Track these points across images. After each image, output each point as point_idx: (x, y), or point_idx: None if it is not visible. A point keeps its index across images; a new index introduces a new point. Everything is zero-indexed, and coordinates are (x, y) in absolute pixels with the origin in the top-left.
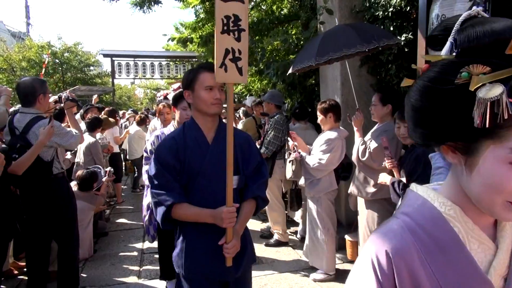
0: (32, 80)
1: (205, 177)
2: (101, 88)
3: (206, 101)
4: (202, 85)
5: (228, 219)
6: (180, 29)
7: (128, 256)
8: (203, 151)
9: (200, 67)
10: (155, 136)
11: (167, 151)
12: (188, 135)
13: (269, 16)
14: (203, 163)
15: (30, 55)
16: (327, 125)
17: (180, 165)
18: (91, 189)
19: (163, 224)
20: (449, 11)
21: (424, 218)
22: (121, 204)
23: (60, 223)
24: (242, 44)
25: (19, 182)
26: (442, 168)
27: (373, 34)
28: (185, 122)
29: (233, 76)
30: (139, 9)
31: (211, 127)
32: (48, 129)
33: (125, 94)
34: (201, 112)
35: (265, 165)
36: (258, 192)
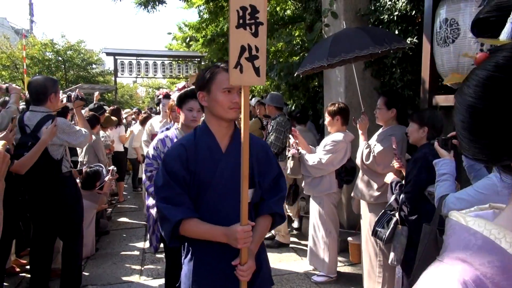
0: (44, 79)
1: (217, 190)
2: (104, 87)
3: (223, 104)
4: (220, 86)
5: (244, 239)
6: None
7: (129, 255)
8: (215, 160)
9: (219, 66)
10: (159, 140)
11: (175, 160)
12: (200, 142)
13: (273, 17)
14: (215, 174)
15: (33, 52)
16: (334, 127)
17: (190, 176)
18: (93, 188)
19: (170, 241)
20: (457, 15)
21: (494, 267)
22: (123, 203)
23: (67, 221)
24: (260, 40)
25: (27, 180)
26: (447, 174)
27: (385, 37)
28: (197, 127)
29: (250, 77)
30: (144, 9)
31: (225, 133)
32: (51, 129)
33: (127, 93)
34: (216, 116)
35: (283, 178)
36: (276, 208)
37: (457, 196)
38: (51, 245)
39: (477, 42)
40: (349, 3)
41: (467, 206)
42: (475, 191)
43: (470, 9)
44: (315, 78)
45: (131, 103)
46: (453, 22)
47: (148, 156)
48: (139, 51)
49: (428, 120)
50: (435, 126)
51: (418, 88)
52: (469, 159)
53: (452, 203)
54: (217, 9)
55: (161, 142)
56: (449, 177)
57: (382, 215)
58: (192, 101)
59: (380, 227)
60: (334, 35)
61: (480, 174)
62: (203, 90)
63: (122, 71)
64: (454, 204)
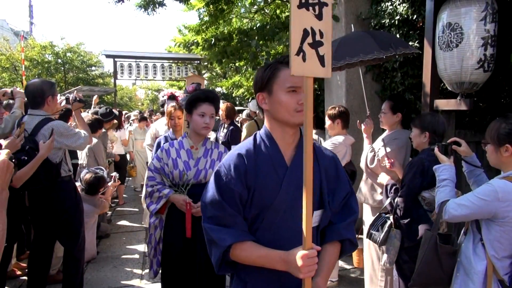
0: (41, 82)
1: (280, 210)
2: (103, 89)
3: (288, 106)
4: (284, 85)
5: (307, 267)
6: (183, 31)
7: (130, 259)
8: (279, 175)
9: (280, 61)
10: (163, 150)
11: (232, 173)
12: (261, 152)
13: (274, 20)
14: (278, 191)
15: (33, 54)
16: (334, 130)
17: (247, 194)
18: (97, 193)
19: (219, 269)
20: (460, 19)
21: None
22: (123, 206)
23: (66, 225)
24: (325, 23)
25: (26, 184)
26: (447, 180)
27: (390, 42)
28: (257, 134)
29: (313, 67)
30: (144, 11)
31: (291, 142)
32: (49, 144)
33: (126, 95)
34: (280, 121)
35: (354, 197)
36: (347, 233)
37: (457, 202)
38: (50, 249)
39: (480, 46)
40: (350, 7)
41: (467, 212)
42: (476, 197)
43: (473, 14)
44: (316, 81)
45: (131, 105)
46: (456, 27)
47: (151, 168)
48: (138, 53)
49: (429, 125)
50: (436, 131)
51: (419, 92)
52: (469, 165)
53: (453, 209)
54: (217, 12)
55: (166, 153)
56: (449, 182)
57: (377, 218)
58: (204, 105)
59: (375, 230)
60: (341, 39)
61: (480, 180)
62: (262, 91)
63: (122, 73)
64: (455, 210)
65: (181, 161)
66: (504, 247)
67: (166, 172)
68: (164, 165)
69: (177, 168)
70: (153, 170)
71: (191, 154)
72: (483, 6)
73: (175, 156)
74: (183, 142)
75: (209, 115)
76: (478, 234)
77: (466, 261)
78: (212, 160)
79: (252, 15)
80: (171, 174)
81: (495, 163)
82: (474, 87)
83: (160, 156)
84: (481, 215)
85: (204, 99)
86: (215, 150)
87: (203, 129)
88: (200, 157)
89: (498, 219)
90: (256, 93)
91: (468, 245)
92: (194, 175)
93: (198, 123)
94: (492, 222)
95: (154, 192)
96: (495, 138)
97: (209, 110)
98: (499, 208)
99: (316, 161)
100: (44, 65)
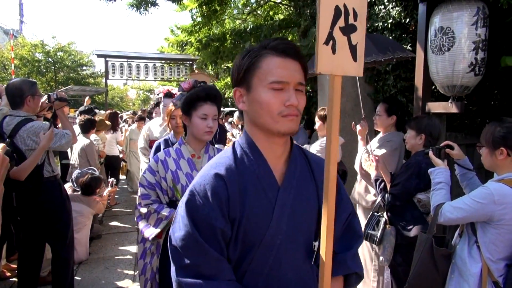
0: (20, 82)
1: (273, 246)
2: (94, 89)
3: (270, 108)
4: (266, 79)
5: None
6: (176, 32)
7: (122, 260)
8: (270, 199)
9: (264, 46)
10: (159, 161)
11: (210, 203)
12: (245, 169)
13: (267, 21)
14: (269, 221)
15: (23, 53)
16: (323, 131)
17: (231, 229)
18: (93, 194)
19: None
20: (452, 23)
21: None
22: (115, 207)
23: (52, 226)
24: (360, 1)
25: (11, 185)
26: (442, 183)
27: (389, 45)
28: (236, 144)
29: (344, 61)
30: (136, 11)
31: (280, 154)
32: (49, 134)
33: (117, 95)
34: (263, 129)
35: (357, 217)
36: (355, 266)
37: (453, 205)
38: (40, 250)
39: (472, 50)
40: None
41: (463, 215)
42: (472, 200)
43: (465, 18)
44: (309, 83)
45: (122, 105)
46: (448, 31)
47: (143, 184)
48: (130, 53)
49: (425, 128)
50: (432, 134)
51: (411, 94)
52: (462, 168)
53: (449, 212)
54: (210, 13)
55: (162, 164)
56: (444, 185)
57: (371, 218)
58: (206, 106)
59: (371, 229)
60: None
61: (473, 183)
62: (240, 86)
63: (113, 73)
64: (450, 212)
65: (182, 173)
66: (499, 249)
67: (163, 187)
68: (160, 180)
69: (178, 182)
70: (146, 186)
71: (193, 165)
72: (475, 11)
73: (174, 168)
74: (181, 150)
75: (211, 117)
76: (473, 236)
77: (461, 263)
78: None
79: (245, 16)
80: (170, 190)
81: (489, 166)
82: (465, 91)
83: (154, 169)
84: (477, 218)
85: (205, 98)
86: None
87: (205, 134)
88: (204, 166)
89: (493, 222)
90: (233, 87)
91: (463, 248)
92: None
93: (199, 128)
94: (487, 224)
95: (151, 214)
96: (490, 141)
97: (212, 110)
98: (495, 211)
99: (311, 177)
100: (34, 64)
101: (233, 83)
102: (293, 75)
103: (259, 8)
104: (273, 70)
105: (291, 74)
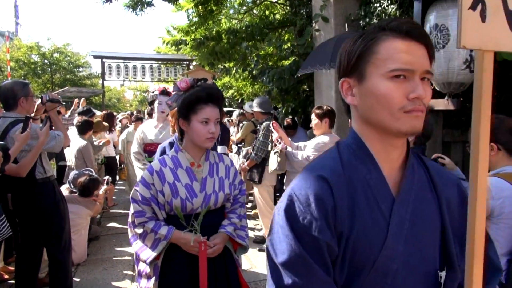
0: (13, 83)
1: (388, 271)
2: (91, 90)
3: (390, 102)
4: (386, 66)
5: None
6: (172, 32)
7: (120, 261)
8: (384, 213)
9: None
10: (153, 171)
11: (313, 211)
12: (353, 174)
13: (263, 21)
14: (383, 240)
15: (19, 55)
16: (320, 129)
17: (338, 245)
18: (91, 195)
19: None
20: (446, 21)
21: None
22: (112, 208)
23: (46, 228)
24: None
25: (7, 186)
26: None
27: None
28: (340, 145)
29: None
30: (132, 11)
31: (396, 158)
32: (46, 129)
33: (114, 96)
34: (378, 127)
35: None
36: None
37: None
38: (38, 252)
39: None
40: (339, 8)
41: None
42: None
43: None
44: (306, 82)
45: (119, 107)
46: (443, 28)
47: (136, 200)
48: (127, 54)
49: None
50: (424, 132)
51: None
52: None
53: None
54: (206, 13)
55: (158, 176)
56: None
57: None
58: (207, 108)
59: None
60: (336, 39)
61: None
62: (349, 76)
63: (110, 74)
64: None
65: (181, 185)
66: (501, 244)
67: (160, 202)
68: (156, 194)
69: (177, 195)
70: (140, 201)
71: (193, 175)
72: None
73: (172, 179)
74: (178, 158)
75: (214, 121)
76: None
77: None
78: (221, 178)
79: (241, 16)
80: (168, 204)
81: None
82: (461, 87)
83: (149, 182)
84: None
85: (206, 99)
86: (220, 164)
87: (207, 141)
88: (205, 176)
89: (493, 217)
90: (340, 78)
91: None
92: (202, 203)
93: (200, 133)
94: (487, 221)
95: (148, 233)
96: None
97: (214, 114)
98: (494, 206)
99: (432, 190)
100: (30, 66)
101: (340, 73)
102: (419, 61)
103: (255, 7)
104: (395, 55)
105: (417, 60)
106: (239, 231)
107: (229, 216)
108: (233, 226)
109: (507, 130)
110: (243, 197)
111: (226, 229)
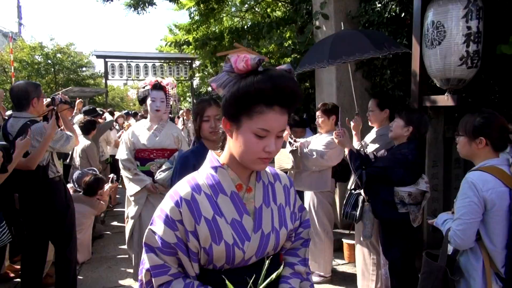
0: (26, 84)
1: None
2: (94, 89)
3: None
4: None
5: None
6: (174, 31)
7: (124, 259)
8: None
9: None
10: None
11: None
12: None
13: (265, 19)
14: None
15: (22, 55)
16: (326, 127)
17: None
18: (95, 195)
19: None
20: (444, 18)
21: None
22: (116, 206)
23: (57, 227)
24: None
25: (16, 186)
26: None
27: (384, 41)
28: None
29: None
30: (133, 10)
31: None
32: (53, 123)
33: (117, 95)
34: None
35: None
36: None
37: (455, 228)
38: (44, 250)
39: (462, 44)
40: (340, 5)
41: (466, 225)
42: (460, 201)
43: (455, 12)
44: (307, 79)
45: (122, 106)
46: (439, 25)
47: (154, 247)
48: (129, 54)
49: (415, 121)
50: (420, 129)
51: (408, 88)
52: None
53: (456, 237)
54: (208, 11)
55: (189, 208)
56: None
57: (349, 197)
58: (271, 114)
59: (349, 208)
60: (334, 37)
61: None
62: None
63: (113, 74)
64: (458, 237)
65: (225, 222)
66: (500, 238)
67: (191, 250)
68: (186, 236)
69: (221, 239)
70: (160, 249)
71: (241, 204)
72: (465, 3)
73: (211, 213)
74: (217, 179)
75: (276, 134)
76: None
77: (464, 261)
78: (280, 207)
79: (243, 14)
80: (206, 253)
81: (466, 155)
82: (460, 83)
83: (175, 218)
84: (478, 213)
85: (272, 98)
86: (277, 185)
87: (259, 161)
88: (260, 206)
89: (488, 211)
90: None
91: None
92: (258, 250)
93: (250, 149)
94: (484, 216)
95: None
96: (470, 131)
97: (280, 123)
98: (486, 198)
99: None
100: (34, 67)
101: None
102: (280, 124)
103: (257, 5)
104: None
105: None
106: (304, 283)
107: (290, 262)
108: (299, 279)
109: (498, 128)
110: (307, 231)
111: (292, 285)
